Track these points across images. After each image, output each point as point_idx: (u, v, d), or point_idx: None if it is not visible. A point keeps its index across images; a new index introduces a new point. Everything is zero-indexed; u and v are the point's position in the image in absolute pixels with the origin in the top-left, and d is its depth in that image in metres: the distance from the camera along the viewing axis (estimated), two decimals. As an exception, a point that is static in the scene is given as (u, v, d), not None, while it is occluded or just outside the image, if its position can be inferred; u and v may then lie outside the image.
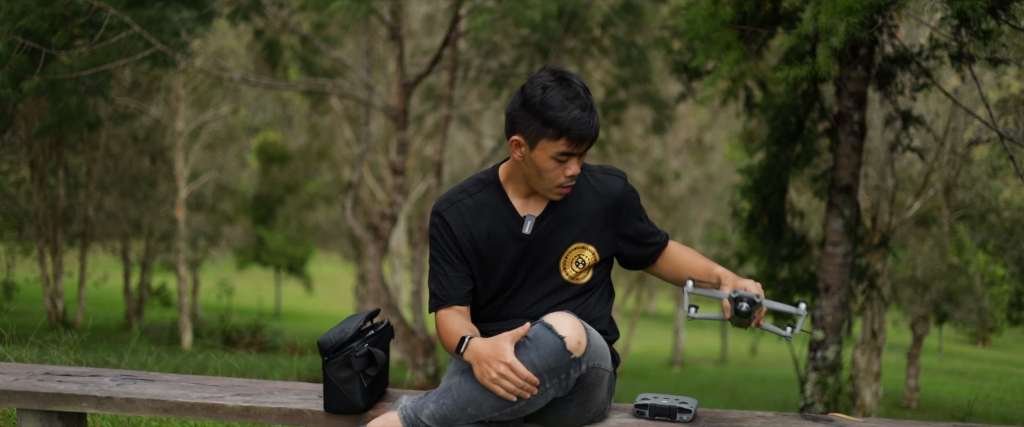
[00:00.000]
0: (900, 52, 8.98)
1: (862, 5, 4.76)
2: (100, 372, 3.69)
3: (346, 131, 20.57)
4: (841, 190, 8.67)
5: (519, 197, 3.30)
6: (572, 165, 3.12)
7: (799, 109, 9.02)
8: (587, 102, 3.07)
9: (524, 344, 2.95)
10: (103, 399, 3.32)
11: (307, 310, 40.23)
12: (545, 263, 3.30)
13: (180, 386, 3.51)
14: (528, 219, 3.28)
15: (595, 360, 3.03)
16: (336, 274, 48.33)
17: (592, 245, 3.32)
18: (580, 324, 2.99)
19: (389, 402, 3.38)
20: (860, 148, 8.65)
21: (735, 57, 5.82)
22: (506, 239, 3.29)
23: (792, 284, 9.63)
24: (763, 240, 9.64)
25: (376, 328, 3.37)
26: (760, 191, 9.40)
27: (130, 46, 9.93)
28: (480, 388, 2.97)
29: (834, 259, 8.73)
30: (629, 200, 3.36)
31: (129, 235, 23.81)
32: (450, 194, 3.37)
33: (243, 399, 3.34)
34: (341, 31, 15.42)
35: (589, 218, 3.30)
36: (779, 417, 3.39)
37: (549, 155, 3.10)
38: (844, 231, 8.67)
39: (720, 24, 5.75)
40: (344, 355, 3.23)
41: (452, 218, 3.32)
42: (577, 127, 3.03)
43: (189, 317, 22.06)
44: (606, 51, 13.55)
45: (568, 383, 2.99)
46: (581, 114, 3.04)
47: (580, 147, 3.08)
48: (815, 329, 8.84)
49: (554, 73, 3.10)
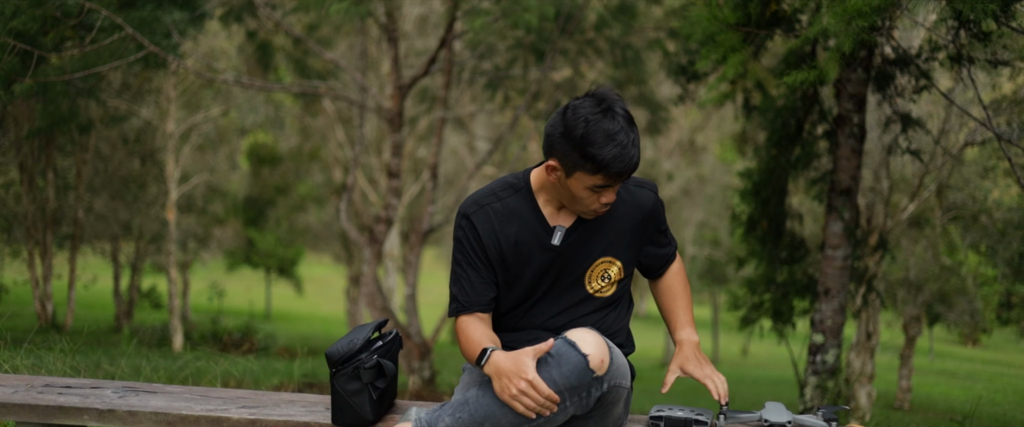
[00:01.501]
0: (899, 54, 8.94)
1: (871, 8, 4.70)
2: (101, 384, 3.61)
3: (338, 133, 20.50)
4: (841, 193, 8.62)
5: (550, 206, 3.22)
6: (608, 194, 3.05)
7: (798, 111, 8.98)
8: (630, 135, 2.97)
9: (546, 361, 2.88)
10: (105, 412, 3.24)
11: (297, 311, 40.15)
12: (571, 275, 3.24)
13: (183, 398, 3.43)
14: (558, 230, 3.20)
15: (616, 378, 2.97)
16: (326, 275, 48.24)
17: (620, 260, 3.26)
18: (603, 342, 2.92)
19: (398, 414, 3.31)
20: (860, 151, 8.61)
21: (740, 59, 5.77)
22: (533, 248, 3.21)
23: (791, 287, 9.59)
24: (762, 243, 9.59)
25: (384, 339, 3.30)
26: (759, 194, 9.36)
27: (122, 48, 9.83)
28: (498, 404, 2.89)
29: (834, 262, 8.68)
30: (657, 213, 3.33)
31: (119, 237, 23.69)
32: (479, 196, 3.28)
33: (248, 412, 3.27)
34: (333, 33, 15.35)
35: (618, 232, 3.24)
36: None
37: (585, 185, 3.03)
38: (844, 234, 8.62)
39: (724, 26, 5.69)
40: (353, 367, 3.16)
41: (480, 222, 3.23)
42: (616, 164, 2.95)
43: (179, 319, 21.96)
44: (601, 53, 13.50)
45: (589, 402, 2.92)
46: (621, 152, 2.94)
47: (619, 181, 3.01)
48: (815, 333, 8.80)
49: (599, 101, 2.99)
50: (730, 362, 35.44)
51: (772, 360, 36.02)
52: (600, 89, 3.07)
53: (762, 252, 9.59)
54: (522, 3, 9.51)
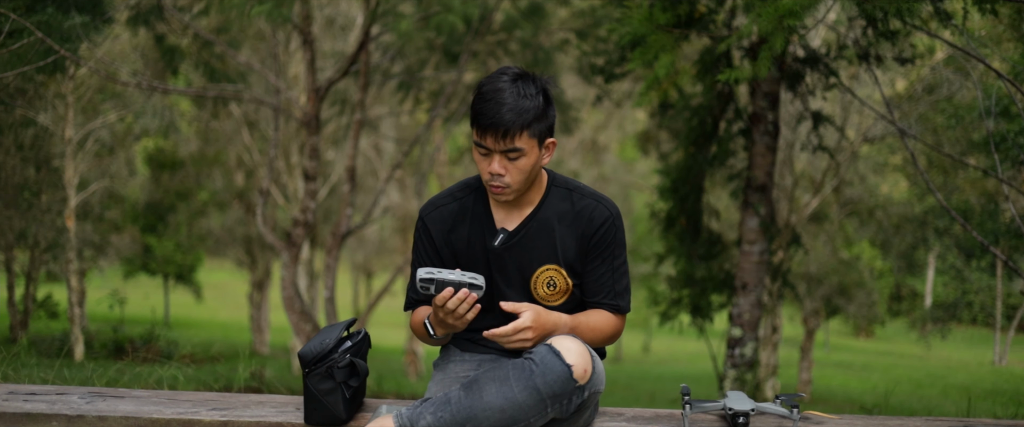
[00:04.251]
0: (809, 53, 9.18)
1: (801, 7, 4.84)
2: (66, 390, 3.56)
3: (245, 136, 20.27)
4: (757, 189, 8.82)
5: (501, 208, 3.23)
6: (492, 163, 3.03)
7: (714, 110, 9.16)
8: (509, 96, 2.97)
9: (530, 369, 2.91)
10: (74, 418, 3.20)
11: (196, 318, 39.54)
12: (515, 280, 3.23)
13: (152, 402, 3.41)
14: (501, 232, 3.21)
15: (596, 385, 3.02)
16: (226, 281, 47.61)
17: (565, 269, 3.21)
18: (586, 351, 2.96)
19: (369, 412, 3.33)
20: (775, 147, 8.82)
21: (670, 60, 5.88)
22: (479, 249, 3.24)
23: (709, 283, 9.77)
24: (681, 240, 9.76)
25: (354, 338, 3.31)
26: (678, 191, 9.52)
27: (29, 53, 9.61)
28: (480, 406, 2.91)
29: (751, 257, 8.88)
30: (607, 233, 3.20)
31: (13, 246, 23.08)
32: (437, 198, 3.32)
33: (219, 414, 3.26)
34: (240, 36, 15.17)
35: (565, 241, 3.20)
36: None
37: (476, 150, 3.07)
38: (760, 229, 8.82)
39: (655, 28, 5.80)
40: (326, 366, 3.17)
41: (433, 223, 3.27)
42: (483, 118, 2.96)
43: (80, 329, 21.48)
44: (512, 54, 13.57)
45: (570, 408, 2.96)
46: (492, 107, 2.95)
47: (485, 138, 2.99)
48: (733, 327, 8.99)
49: (505, 70, 3.06)
50: (632, 360, 35.79)
51: (672, 356, 36.49)
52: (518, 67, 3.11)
53: (681, 249, 9.76)
54: (445, 4, 9.53)
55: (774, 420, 3.34)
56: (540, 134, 3.06)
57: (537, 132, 3.04)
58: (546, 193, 3.24)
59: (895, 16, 7.10)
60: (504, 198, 3.11)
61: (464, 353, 3.37)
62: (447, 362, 3.34)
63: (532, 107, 3.00)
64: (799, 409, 3.23)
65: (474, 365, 3.30)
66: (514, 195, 3.11)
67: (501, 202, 3.18)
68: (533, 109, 3.00)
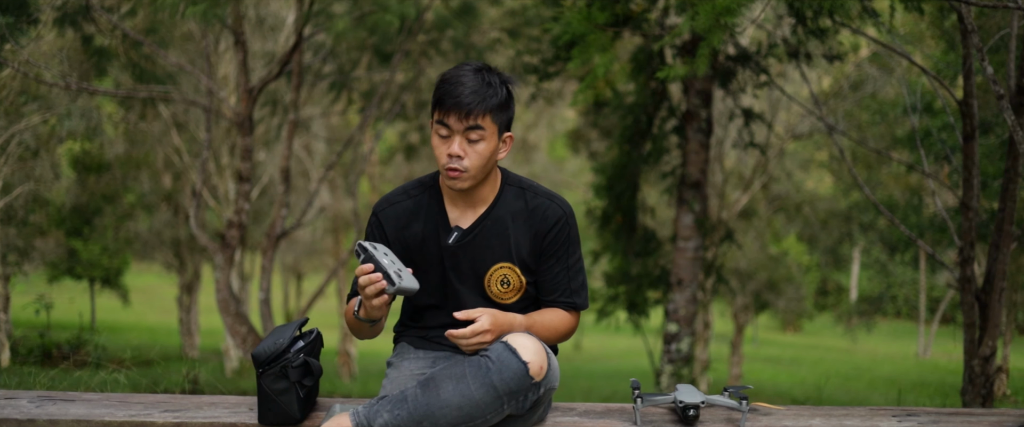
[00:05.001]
0: (740, 51, 9.30)
1: (736, 5, 4.92)
2: (14, 394, 3.52)
3: (174, 138, 20.03)
4: (691, 186, 8.92)
5: (456, 206, 3.26)
6: (451, 144, 3.07)
7: (648, 108, 9.25)
8: (472, 81, 3.05)
9: (487, 365, 2.94)
10: (25, 422, 3.17)
11: (123, 322, 38.95)
12: (471, 278, 3.26)
13: (103, 405, 3.38)
14: (455, 230, 3.24)
15: (551, 382, 3.06)
16: (153, 285, 46.95)
17: (518, 267, 3.25)
18: (542, 348, 3.00)
19: (322, 411, 3.33)
20: (708, 145, 8.93)
21: (609, 58, 5.95)
22: (433, 247, 3.26)
23: (645, 279, 9.87)
24: (616, 237, 9.84)
25: (306, 338, 3.31)
26: (613, 189, 9.60)
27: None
28: (438, 404, 2.93)
29: (685, 254, 8.98)
30: (561, 231, 3.25)
31: (-67, 252, 22.61)
32: (391, 195, 3.34)
33: (173, 415, 3.25)
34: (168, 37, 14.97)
35: (517, 239, 3.24)
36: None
37: (435, 133, 3.11)
38: (694, 226, 8.93)
39: (594, 27, 5.85)
40: (280, 366, 3.17)
41: (387, 219, 3.30)
42: (448, 98, 3.03)
43: (6, 334, 21.10)
44: (444, 53, 13.58)
45: (525, 404, 2.99)
46: (455, 88, 3.03)
47: (448, 116, 3.04)
48: (669, 322, 9.09)
49: (478, 63, 3.14)
50: (564, 357, 35.84)
51: (604, 353, 36.65)
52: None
53: (616, 246, 9.84)
54: (382, 3, 9.51)
55: (723, 412, 3.40)
56: (501, 123, 3.13)
57: (498, 120, 3.11)
58: (500, 191, 3.27)
59: (826, 14, 7.24)
60: (460, 185, 3.13)
61: (418, 351, 3.38)
62: (402, 360, 3.34)
63: (495, 94, 3.08)
64: (748, 401, 3.29)
65: (429, 362, 3.31)
66: (470, 182, 3.13)
67: (455, 191, 3.19)
68: (496, 96, 3.08)
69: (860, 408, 3.53)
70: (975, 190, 5.34)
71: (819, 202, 21.69)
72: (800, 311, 25.36)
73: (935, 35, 10.36)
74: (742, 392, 3.33)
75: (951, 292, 28.41)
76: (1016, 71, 4.98)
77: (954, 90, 9.39)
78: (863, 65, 16.16)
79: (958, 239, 5.83)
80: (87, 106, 19.67)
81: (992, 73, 4.61)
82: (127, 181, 26.08)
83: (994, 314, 5.29)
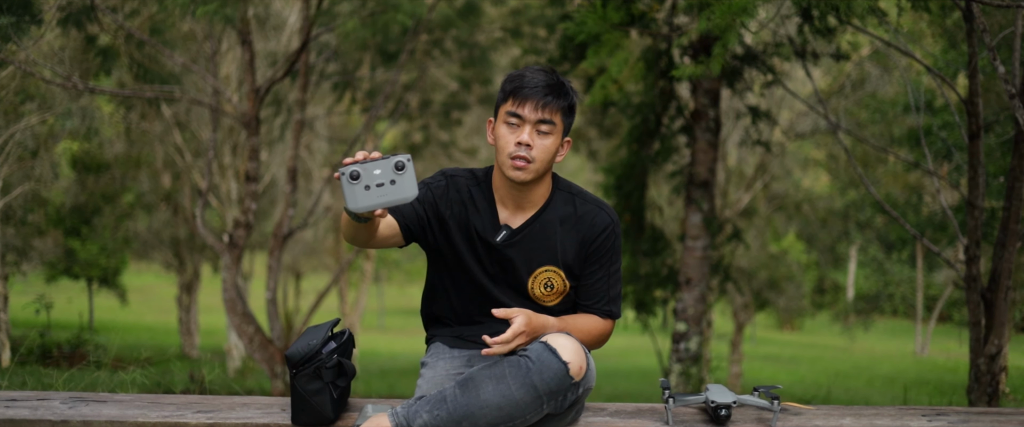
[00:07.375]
0: (747, 50, 9.32)
1: (752, 5, 4.93)
2: (47, 395, 3.53)
3: (176, 137, 20.01)
4: (699, 185, 8.94)
5: (506, 206, 3.28)
6: (522, 133, 3.09)
7: (657, 107, 9.26)
8: (550, 78, 3.13)
9: (527, 366, 2.95)
10: (58, 423, 3.18)
11: (122, 322, 38.91)
12: (514, 278, 3.29)
13: (136, 406, 3.38)
14: (504, 229, 3.27)
15: (589, 382, 3.07)
16: (152, 284, 46.94)
17: (563, 271, 3.29)
18: (581, 349, 3.01)
19: (354, 411, 3.34)
20: (716, 144, 8.95)
21: (623, 57, 5.96)
22: (479, 241, 3.28)
23: (653, 279, 9.88)
24: (625, 237, 9.84)
25: (338, 339, 3.32)
26: (622, 188, 9.61)
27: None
28: (478, 405, 2.94)
29: (694, 253, 8.99)
30: (607, 239, 3.29)
31: (-67, 252, 22.58)
32: (462, 170, 3.37)
33: (206, 416, 3.25)
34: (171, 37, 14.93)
35: (565, 244, 3.27)
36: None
37: (503, 121, 3.14)
38: (703, 225, 8.94)
39: (610, 26, 5.86)
40: (314, 366, 3.18)
41: (451, 187, 3.32)
42: (525, 87, 3.09)
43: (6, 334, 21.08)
44: (448, 53, 13.58)
45: (564, 404, 3.01)
46: (531, 77, 3.11)
47: (523, 106, 3.08)
48: (678, 322, 9.10)
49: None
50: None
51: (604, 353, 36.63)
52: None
53: (625, 246, 9.85)
54: (393, 3, 9.51)
55: (754, 412, 3.42)
56: (566, 125, 3.18)
57: (566, 120, 3.17)
58: (551, 196, 3.30)
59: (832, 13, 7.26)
60: (522, 176, 3.14)
61: (453, 349, 3.39)
62: (437, 360, 3.35)
63: (567, 95, 3.16)
64: (779, 400, 3.31)
65: (464, 361, 3.33)
66: (532, 175, 3.15)
67: (512, 185, 3.21)
68: (568, 97, 3.16)
69: (890, 407, 3.56)
70: (981, 188, 5.35)
71: (818, 201, 21.73)
72: (798, 309, 25.40)
73: (936, 33, 10.38)
74: (772, 392, 3.34)
75: (948, 290, 28.45)
76: (1021, 69, 4.99)
77: (957, 88, 9.40)
78: (863, 64, 16.19)
79: (963, 237, 5.85)
80: (88, 106, 19.66)
81: (1004, 72, 4.62)
82: (126, 181, 26.03)
83: (1000, 312, 5.31)
